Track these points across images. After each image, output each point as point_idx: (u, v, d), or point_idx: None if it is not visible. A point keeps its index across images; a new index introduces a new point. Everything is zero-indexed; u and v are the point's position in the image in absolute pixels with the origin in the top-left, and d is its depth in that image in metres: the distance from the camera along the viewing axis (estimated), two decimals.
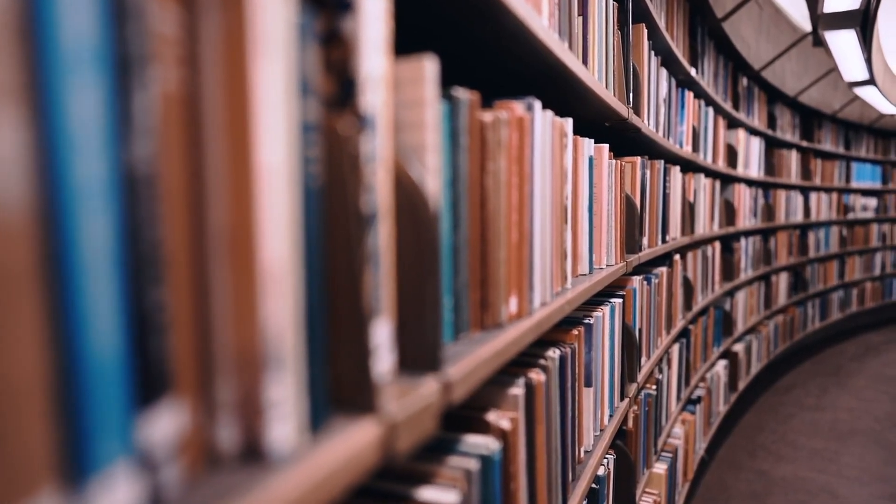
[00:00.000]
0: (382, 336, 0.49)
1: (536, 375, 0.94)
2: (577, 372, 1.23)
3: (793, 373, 5.03)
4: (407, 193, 0.52)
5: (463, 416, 0.80)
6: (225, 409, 0.35)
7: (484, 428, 0.78)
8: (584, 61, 1.29)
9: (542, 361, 1.00)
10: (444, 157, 0.64)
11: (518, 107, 0.80)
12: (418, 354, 0.54)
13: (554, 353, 1.05)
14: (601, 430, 1.46)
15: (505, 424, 0.80)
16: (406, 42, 0.85)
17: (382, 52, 0.48)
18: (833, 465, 3.42)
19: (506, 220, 0.77)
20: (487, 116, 0.73)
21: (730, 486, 3.15)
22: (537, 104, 0.86)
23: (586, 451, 1.35)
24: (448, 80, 1.02)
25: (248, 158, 0.33)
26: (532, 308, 0.87)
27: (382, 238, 0.49)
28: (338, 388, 0.44)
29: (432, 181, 0.54)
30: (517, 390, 0.86)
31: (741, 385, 3.96)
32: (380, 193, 0.49)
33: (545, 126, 0.91)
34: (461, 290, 0.68)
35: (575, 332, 1.22)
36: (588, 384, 1.34)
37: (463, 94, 0.67)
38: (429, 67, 0.53)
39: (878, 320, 6.62)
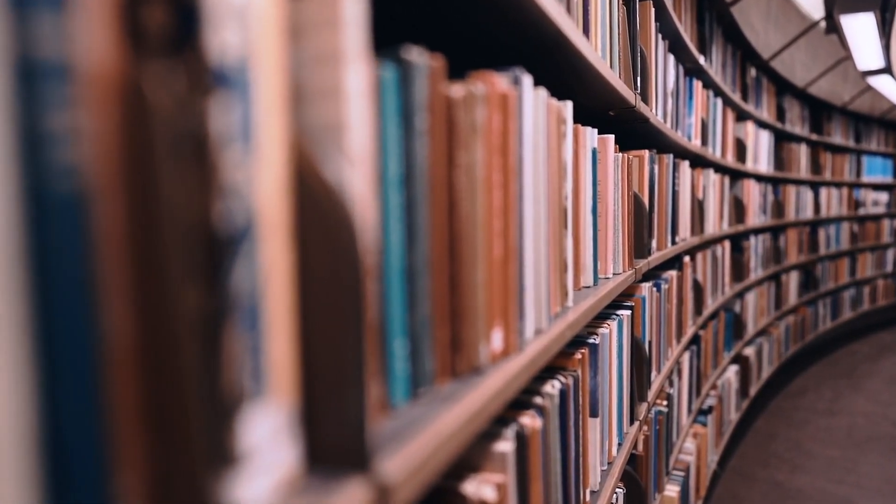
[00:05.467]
0: (266, 429, 0.30)
1: (531, 420, 0.75)
2: (582, 403, 1.04)
3: (805, 375, 4.84)
4: (315, 199, 0.33)
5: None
6: None
7: None
8: (586, 35, 1.10)
9: (538, 400, 0.81)
10: (391, 146, 0.45)
11: (500, 80, 0.61)
12: (338, 443, 0.35)
13: (553, 388, 0.86)
14: (609, 464, 1.27)
15: (488, 495, 0.61)
16: None
17: None
18: (852, 476, 3.23)
19: (485, 228, 0.58)
20: (457, 91, 0.54)
21: (743, 499, 2.96)
22: (526, 78, 0.67)
23: (593, 492, 1.16)
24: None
25: None
26: (523, 340, 0.68)
27: (266, 270, 0.30)
28: None
29: (358, 179, 0.36)
30: (505, 445, 0.67)
31: (753, 391, 3.77)
32: (261, 199, 0.30)
33: (538, 107, 0.72)
34: (420, 329, 0.49)
35: (578, 355, 1.03)
36: (594, 414, 1.15)
37: (419, 56, 0.48)
38: (347, 1, 0.34)
39: (891, 318, 6.40)
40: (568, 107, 0.88)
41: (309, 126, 0.35)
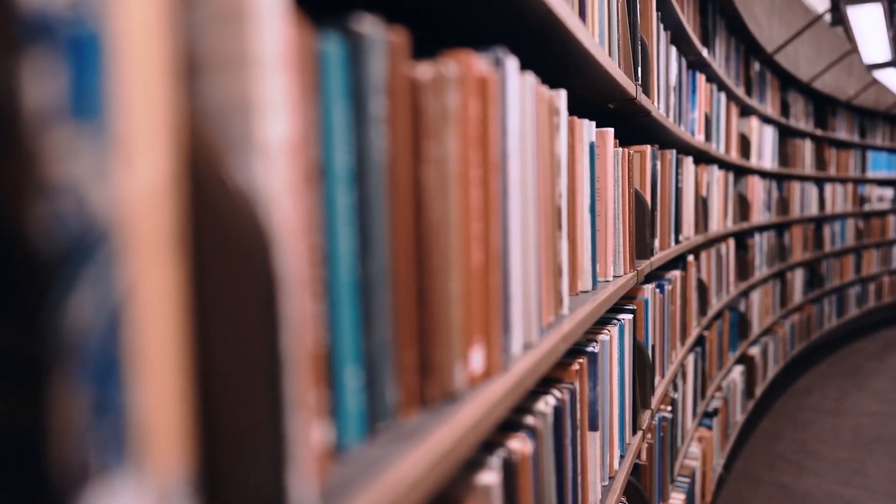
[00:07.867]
0: None
1: (521, 445, 0.67)
2: (580, 418, 0.96)
3: (810, 374, 4.76)
4: (212, 200, 0.25)
5: None
6: None
7: None
8: (582, 20, 1.01)
9: (529, 420, 0.73)
10: (337, 135, 0.37)
11: (478, 61, 0.53)
12: None
13: (546, 406, 0.78)
14: (611, 478, 1.19)
15: None
16: None
17: None
18: (859, 477, 3.15)
19: (461, 232, 0.50)
20: (424, 71, 0.46)
21: (749, 503, 2.88)
22: (510, 60, 0.58)
23: None
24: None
25: None
26: (508, 358, 0.60)
27: (131, 297, 0.23)
28: None
29: (277, 174, 0.28)
30: (490, 476, 0.59)
31: (758, 391, 3.68)
32: (127, 201, 0.22)
33: (525, 94, 0.64)
34: (379, 354, 0.41)
35: (575, 366, 0.95)
36: (593, 428, 1.07)
37: (374, 28, 0.40)
38: None
39: None
40: (561, 96, 0.80)
41: (207, 106, 0.27)
